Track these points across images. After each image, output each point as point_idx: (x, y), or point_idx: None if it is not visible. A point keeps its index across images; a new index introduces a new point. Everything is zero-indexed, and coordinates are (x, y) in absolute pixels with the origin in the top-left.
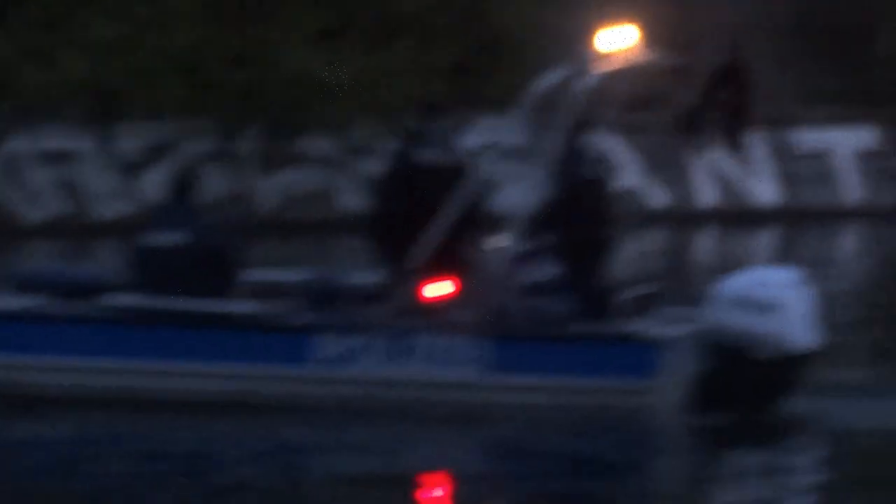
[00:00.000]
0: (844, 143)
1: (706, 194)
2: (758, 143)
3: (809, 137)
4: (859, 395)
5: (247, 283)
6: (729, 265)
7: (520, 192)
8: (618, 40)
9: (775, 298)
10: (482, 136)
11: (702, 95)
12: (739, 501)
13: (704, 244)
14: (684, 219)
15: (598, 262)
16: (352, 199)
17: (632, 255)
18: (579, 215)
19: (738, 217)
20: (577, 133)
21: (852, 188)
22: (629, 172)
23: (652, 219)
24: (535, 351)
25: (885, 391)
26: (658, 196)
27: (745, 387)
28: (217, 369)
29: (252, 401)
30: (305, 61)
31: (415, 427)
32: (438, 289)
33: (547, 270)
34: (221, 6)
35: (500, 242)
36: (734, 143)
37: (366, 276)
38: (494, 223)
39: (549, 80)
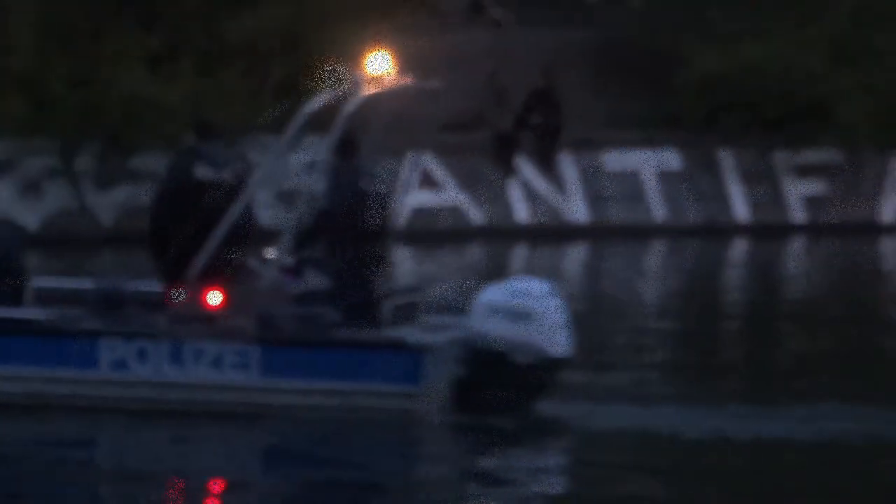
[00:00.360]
0: (649, 165)
1: (521, 212)
2: (569, 164)
3: (617, 159)
4: (608, 398)
5: (38, 291)
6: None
7: (292, 206)
8: (380, 65)
9: (530, 308)
10: (307, 155)
11: (516, 119)
12: (498, 498)
13: (514, 258)
14: (501, 234)
15: (367, 272)
16: None
17: (432, 268)
18: (350, 228)
19: (551, 233)
20: (346, 151)
21: (656, 207)
22: (449, 191)
23: (471, 234)
24: (305, 356)
25: (634, 396)
26: (476, 213)
27: (504, 389)
28: (7, 372)
29: (42, 402)
30: (139, 84)
31: (193, 428)
32: (214, 297)
33: (317, 280)
34: (60, 30)
35: (273, 254)
36: (546, 163)
37: (149, 285)
38: (267, 236)
39: (319, 101)
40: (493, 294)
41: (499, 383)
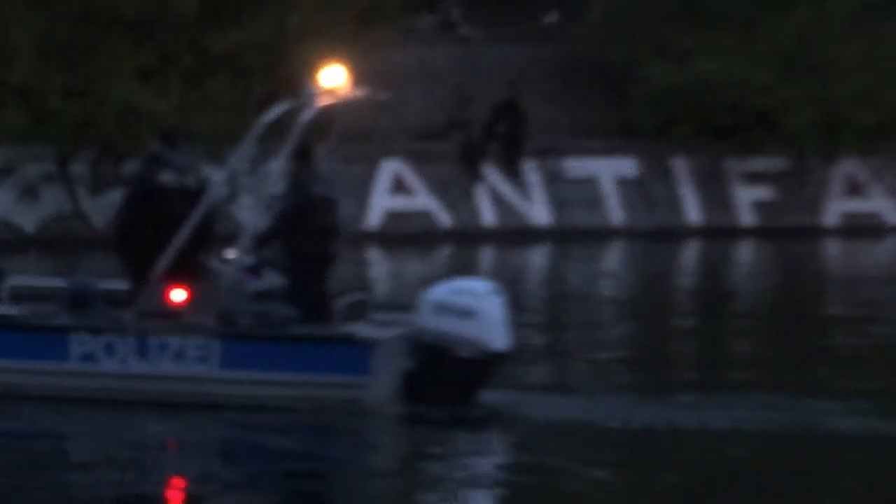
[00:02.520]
0: (608, 171)
1: (487, 215)
2: (532, 171)
3: (577, 166)
4: (555, 389)
5: (12, 289)
6: (490, 276)
7: (250, 211)
8: (334, 78)
9: (473, 305)
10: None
11: (483, 128)
12: (443, 482)
13: (481, 259)
14: (469, 237)
15: (321, 271)
16: None
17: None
18: (305, 231)
19: (516, 235)
20: (302, 157)
21: (614, 211)
22: (420, 196)
23: (440, 237)
24: (262, 350)
25: (569, 388)
26: (445, 217)
27: (449, 382)
28: None
29: (16, 393)
30: (130, 95)
31: (153, 419)
32: (177, 295)
33: (274, 279)
34: (57, 47)
35: (233, 254)
36: (512, 170)
37: (116, 283)
38: (228, 237)
39: (277, 111)
40: (439, 292)
41: (444, 376)
